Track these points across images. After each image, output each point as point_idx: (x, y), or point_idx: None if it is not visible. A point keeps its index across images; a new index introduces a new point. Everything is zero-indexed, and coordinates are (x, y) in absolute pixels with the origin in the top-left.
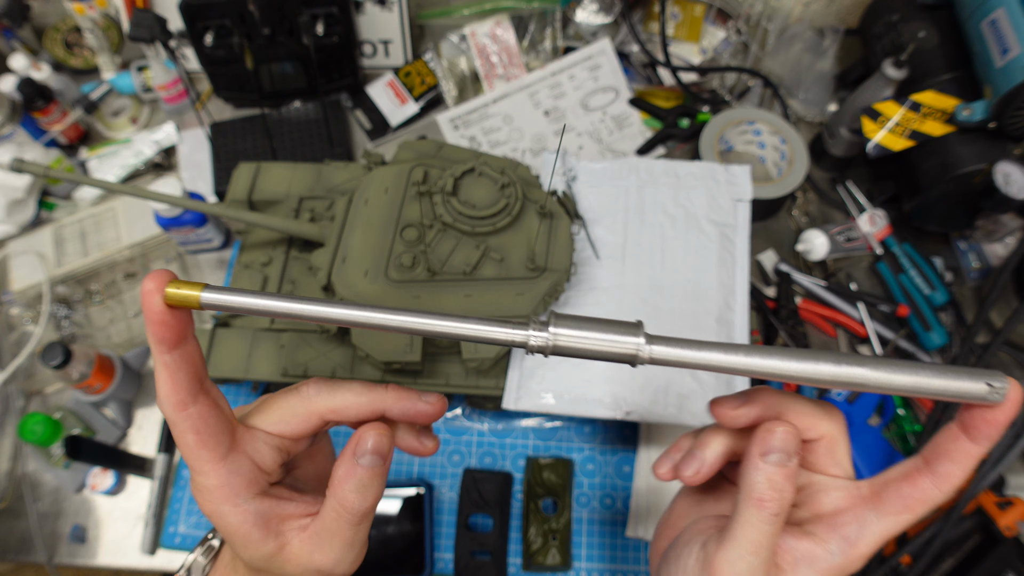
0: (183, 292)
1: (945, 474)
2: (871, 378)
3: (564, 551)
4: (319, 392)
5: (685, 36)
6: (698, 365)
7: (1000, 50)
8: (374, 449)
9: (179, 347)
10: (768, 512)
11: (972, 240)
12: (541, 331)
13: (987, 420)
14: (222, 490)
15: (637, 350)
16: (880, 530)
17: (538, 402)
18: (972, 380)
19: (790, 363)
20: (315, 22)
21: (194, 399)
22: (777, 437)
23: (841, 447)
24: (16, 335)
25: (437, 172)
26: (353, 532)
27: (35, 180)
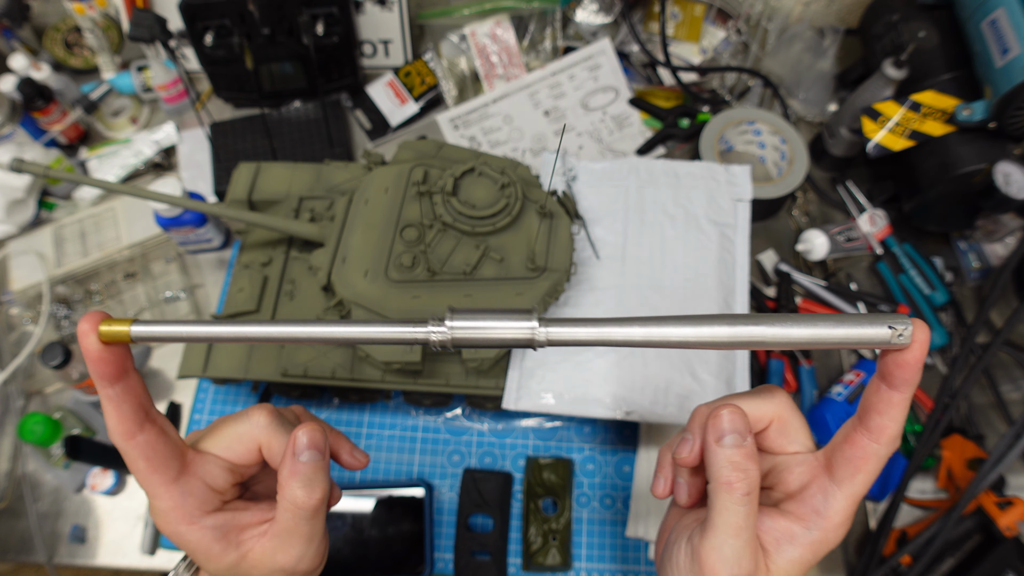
0: (114, 329)
1: (878, 427)
2: (769, 334)
3: (564, 551)
4: (268, 426)
5: (685, 36)
6: (595, 341)
7: (1000, 50)
8: (310, 444)
9: (120, 381)
10: (739, 493)
11: (972, 240)
12: (439, 327)
13: (900, 364)
14: (177, 511)
15: (532, 334)
16: (843, 496)
17: (538, 402)
18: (874, 325)
19: (685, 329)
20: (315, 22)
21: (140, 428)
22: (724, 420)
23: (792, 424)
24: (16, 335)
25: (437, 172)
26: (309, 527)
27: (35, 180)
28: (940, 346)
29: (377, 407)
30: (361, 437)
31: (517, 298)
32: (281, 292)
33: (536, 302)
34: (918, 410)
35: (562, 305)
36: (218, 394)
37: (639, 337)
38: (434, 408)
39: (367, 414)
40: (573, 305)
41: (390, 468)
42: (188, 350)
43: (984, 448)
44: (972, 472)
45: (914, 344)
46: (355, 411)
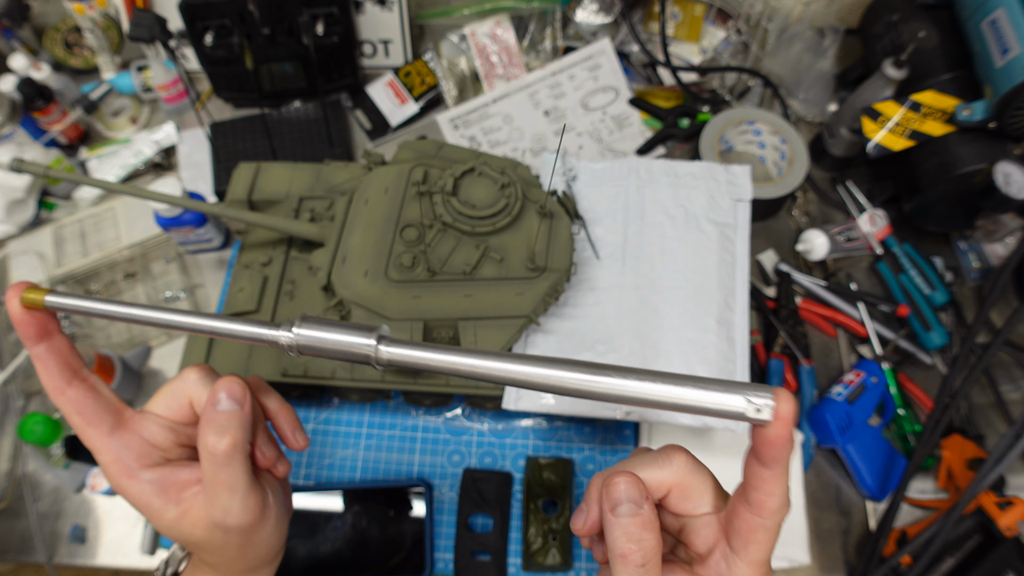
0: (32, 296)
1: (757, 502)
2: (607, 385)
3: (564, 551)
4: (198, 380)
5: (685, 36)
6: (430, 367)
7: (1000, 50)
8: (228, 395)
9: (44, 341)
10: (633, 564)
11: (972, 240)
12: (287, 332)
13: (764, 441)
14: (117, 464)
15: (371, 351)
16: (744, 564)
17: (538, 402)
18: (729, 394)
19: (529, 368)
20: (315, 22)
21: (68, 384)
22: (619, 489)
23: (695, 488)
24: (16, 335)
25: (437, 172)
26: (226, 475)
27: (35, 180)
28: (940, 346)
29: (377, 407)
30: (361, 437)
31: (517, 298)
32: (281, 292)
33: (536, 302)
34: (918, 410)
35: (562, 305)
36: None
37: (473, 368)
38: (434, 408)
39: (367, 414)
40: (573, 305)
41: (390, 468)
42: (188, 350)
43: (984, 448)
44: (972, 472)
45: (776, 420)
46: (355, 411)
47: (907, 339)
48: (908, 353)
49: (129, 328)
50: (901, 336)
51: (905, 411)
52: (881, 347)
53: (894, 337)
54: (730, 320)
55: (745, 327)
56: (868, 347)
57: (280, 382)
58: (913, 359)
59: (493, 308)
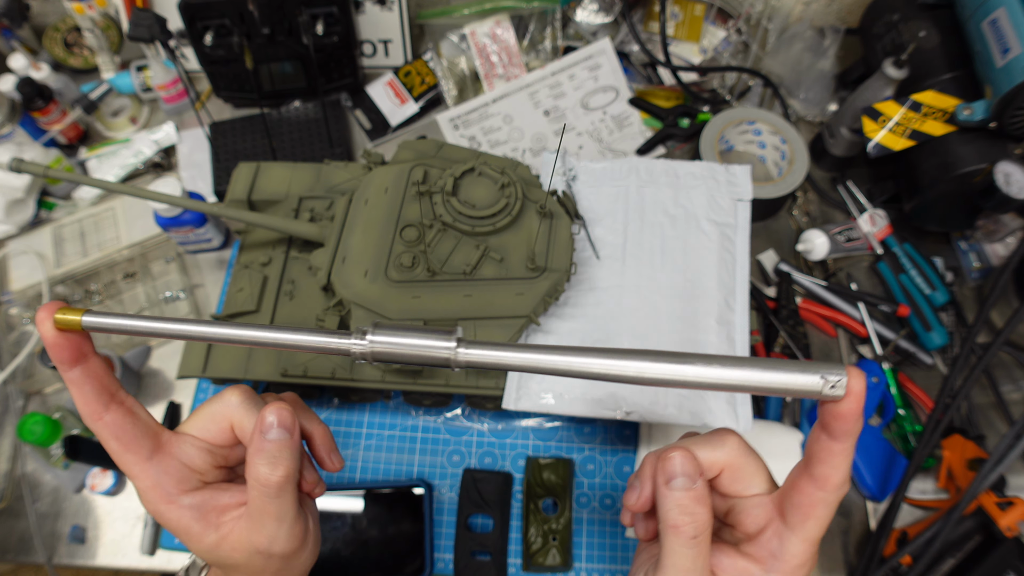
0: (67, 317)
1: (821, 476)
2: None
3: (564, 551)
4: (240, 404)
5: (685, 36)
6: (513, 366)
7: (1001, 50)
8: (279, 423)
9: (79, 364)
10: (685, 536)
11: (973, 240)
12: (361, 340)
13: (836, 416)
14: (155, 490)
15: (450, 354)
16: (798, 540)
17: (538, 402)
18: (806, 374)
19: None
20: (315, 22)
21: (106, 408)
22: (675, 463)
23: (746, 469)
24: (15, 335)
25: (437, 172)
26: (276, 506)
27: (34, 180)
28: (941, 346)
29: (377, 407)
30: (361, 437)
31: (517, 298)
32: (281, 292)
33: (536, 302)
34: (918, 410)
35: (562, 305)
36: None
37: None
38: (434, 408)
39: (367, 414)
40: (573, 305)
41: (390, 468)
42: (188, 350)
43: (985, 448)
44: (973, 472)
45: (849, 395)
46: (355, 411)
47: (907, 339)
48: (908, 353)
49: None
50: (901, 336)
51: (905, 411)
52: (881, 347)
53: (894, 337)
54: (730, 320)
55: (745, 327)
56: (868, 347)
57: (280, 382)
58: (913, 359)
59: (493, 308)
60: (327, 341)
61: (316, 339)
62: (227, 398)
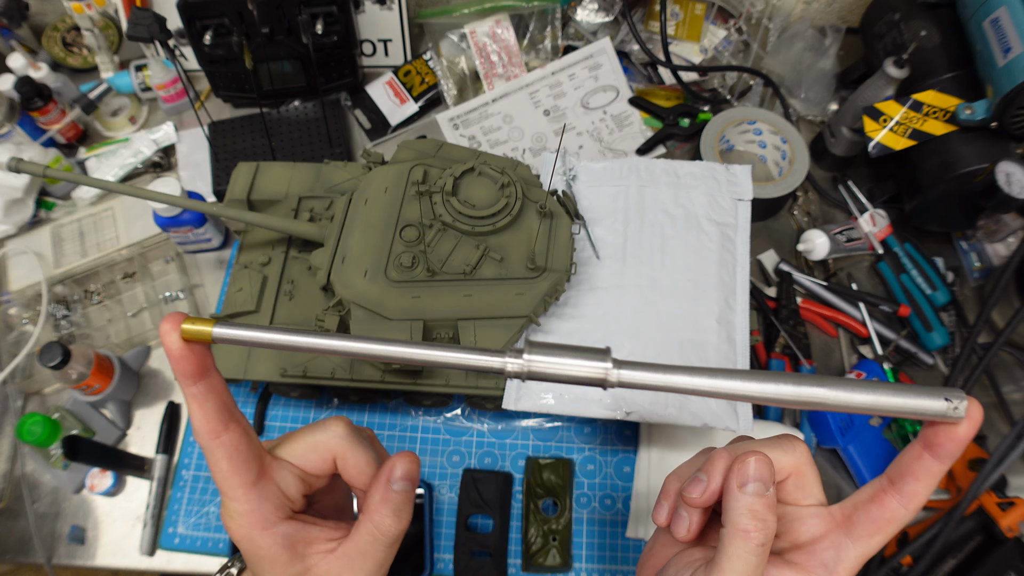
0: (196, 328)
1: (911, 493)
2: (830, 398)
3: (564, 552)
4: (346, 438)
5: (686, 35)
6: (664, 387)
7: (1002, 49)
8: (405, 475)
9: (204, 379)
10: (754, 543)
11: (974, 240)
12: (516, 358)
13: (950, 438)
14: (252, 515)
15: (606, 374)
16: (856, 553)
17: (538, 402)
18: (931, 398)
19: (753, 384)
20: (314, 21)
21: (225, 427)
22: (752, 467)
23: (809, 478)
24: (14, 335)
25: (437, 172)
26: (385, 554)
27: (33, 180)
28: (941, 346)
29: (377, 407)
30: None
31: (517, 298)
32: (280, 292)
33: (536, 302)
34: None
35: (562, 305)
36: None
37: (706, 388)
38: (434, 408)
39: (367, 414)
40: (573, 305)
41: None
42: None
43: (985, 449)
44: (973, 473)
45: (968, 421)
46: (355, 411)
47: (908, 339)
48: (909, 353)
49: (128, 328)
50: (902, 336)
51: None
52: (882, 347)
53: (895, 337)
54: (730, 320)
55: (745, 327)
56: (869, 347)
57: (280, 382)
58: (914, 359)
59: (493, 308)
60: (481, 359)
61: (470, 357)
62: (333, 429)
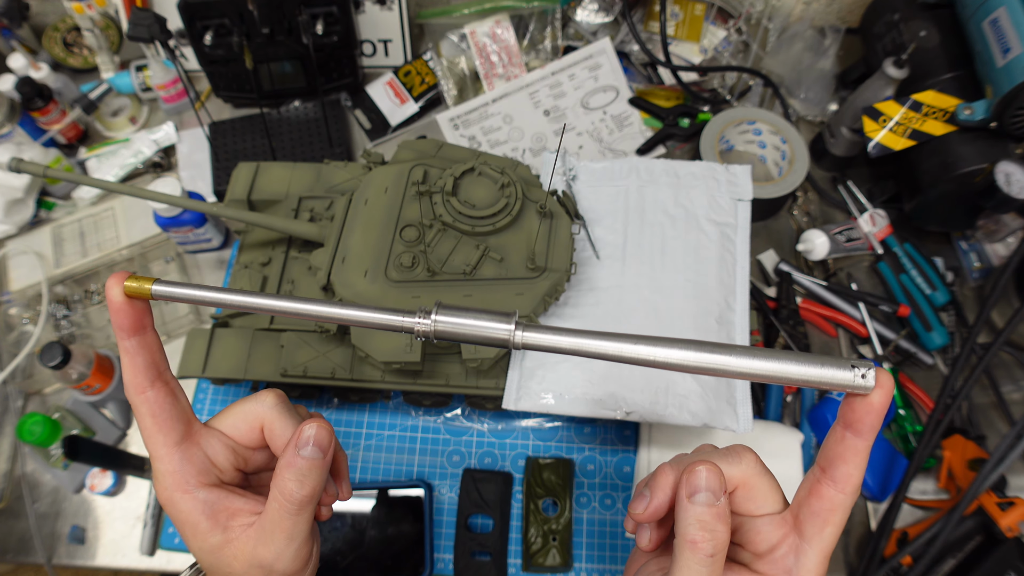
0: (137, 284)
1: (844, 476)
2: (733, 365)
3: (564, 551)
4: (275, 407)
5: (685, 35)
6: (567, 350)
7: (1001, 49)
8: (315, 441)
9: (138, 335)
10: (702, 554)
11: (973, 240)
12: (424, 318)
13: (866, 410)
14: (174, 476)
15: (509, 335)
16: (814, 553)
17: (538, 402)
18: (838, 368)
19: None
20: (314, 21)
21: (151, 384)
22: (700, 476)
23: (759, 489)
24: (15, 335)
25: (437, 172)
26: (292, 523)
27: (34, 180)
28: (941, 346)
29: (377, 407)
30: (361, 437)
31: (517, 298)
32: (281, 292)
33: (536, 302)
34: (919, 410)
35: (562, 305)
36: (217, 394)
37: (610, 351)
38: (434, 408)
39: (367, 414)
40: (573, 305)
41: (390, 468)
42: (188, 350)
43: (985, 448)
44: (973, 472)
45: (879, 389)
46: (355, 411)
47: (908, 339)
48: (909, 353)
49: None
50: (902, 336)
51: (906, 411)
52: (882, 347)
53: (895, 337)
54: (730, 320)
55: (745, 327)
56: (869, 347)
57: (280, 382)
58: (914, 359)
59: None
60: (391, 319)
61: (380, 316)
62: (263, 399)
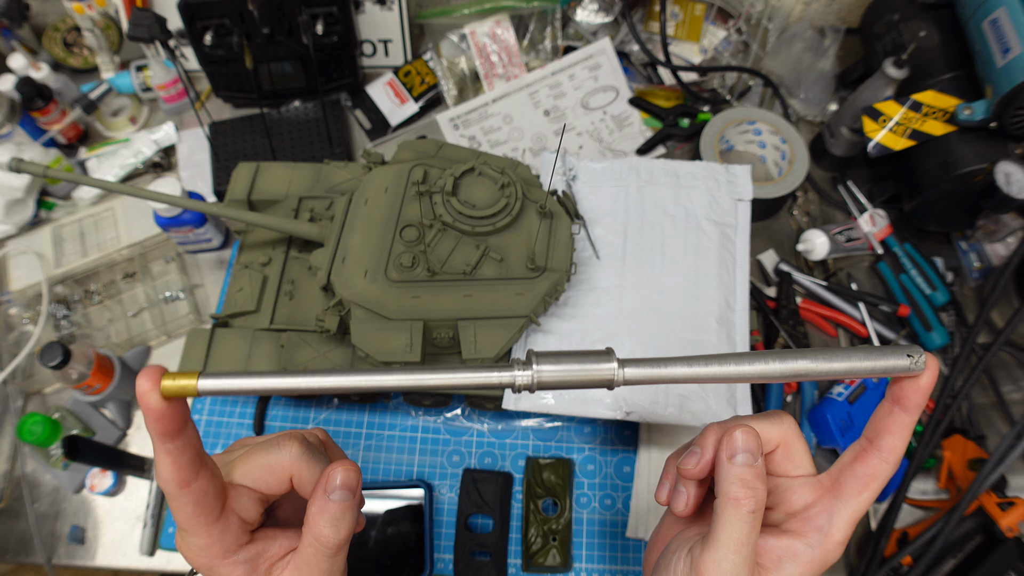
0: (179, 383)
1: (889, 447)
2: (813, 368)
3: (564, 552)
4: (301, 456)
5: (685, 35)
6: (665, 380)
7: (1001, 49)
8: (343, 484)
9: (181, 435)
10: (745, 510)
11: (973, 240)
12: (525, 371)
13: (915, 388)
14: (214, 548)
15: (612, 375)
16: (847, 514)
17: (538, 402)
18: (896, 357)
19: (743, 366)
20: (315, 21)
21: (196, 475)
22: (739, 439)
23: (797, 449)
24: (15, 335)
25: (437, 172)
26: (329, 564)
27: (34, 180)
28: (941, 346)
29: (377, 407)
30: (361, 437)
31: (517, 298)
32: (281, 292)
33: (536, 302)
34: None
35: (562, 305)
36: None
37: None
38: (434, 408)
39: (367, 414)
40: (573, 305)
41: (390, 468)
42: (187, 352)
43: (985, 448)
44: (973, 473)
45: (928, 371)
46: (355, 411)
47: (908, 339)
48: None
49: (128, 328)
50: (902, 336)
51: None
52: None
53: (895, 337)
54: (730, 320)
55: (745, 327)
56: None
57: None
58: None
59: (493, 308)
60: (491, 376)
61: (480, 376)
62: (288, 449)
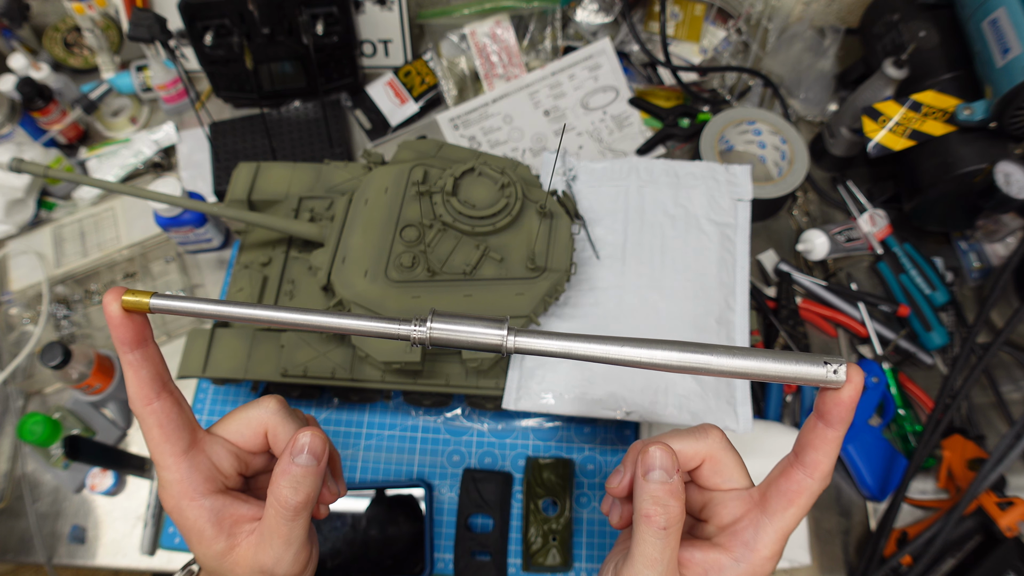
0: (135, 299)
1: (813, 463)
2: (715, 363)
3: (564, 551)
4: (277, 412)
5: (685, 36)
6: (557, 353)
7: (1001, 50)
8: (309, 449)
9: (140, 348)
10: (655, 526)
11: (973, 240)
12: (420, 326)
13: (836, 403)
14: (181, 484)
15: (502, 340)
16: (773, 530)
17: (538, 402)
18: (811, 364)
19: (642, 351)
20: (315, 22)
21: (157, 395)
22: (653, 457)
23: (726, 463)
24: (15, 335)
25: (437, 172)
26: (288, 528)
27: (34, 180)
28: (941, 346)
29: (377, 407)
30: (361, 437)
31: (517, 298)
32: (281, 292)
33: (536, 302)
34: (919, 410)
35: (562, 305)
36: (217, 394)
37: (596, 354)
38: (434, 408)
39: (367, 414)
40: (573, 305)
41: (390, 468)
42: (188, 350)
43: (985, 448)
44: (973, 472)
45: (849, 383)
46: (355, 411)
47: (907, 339)
48: (909, 353)
49: None
50: (901, 336)
51: (905, 411)
52: (881, 347)
53: (894, 337)
54: (730, 320)
55: (745, 327)
56: (868, 347)
57: (280, 382)
58: (914, 359)
59: (493, 308)
60: (388, 327)
61: (377, 325)
62: (266, 404)
